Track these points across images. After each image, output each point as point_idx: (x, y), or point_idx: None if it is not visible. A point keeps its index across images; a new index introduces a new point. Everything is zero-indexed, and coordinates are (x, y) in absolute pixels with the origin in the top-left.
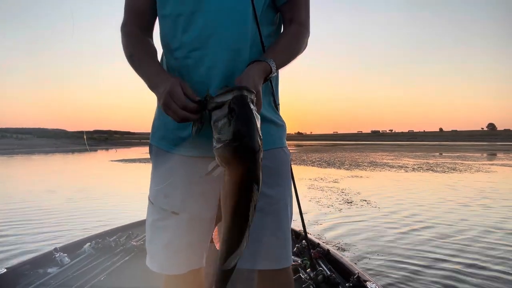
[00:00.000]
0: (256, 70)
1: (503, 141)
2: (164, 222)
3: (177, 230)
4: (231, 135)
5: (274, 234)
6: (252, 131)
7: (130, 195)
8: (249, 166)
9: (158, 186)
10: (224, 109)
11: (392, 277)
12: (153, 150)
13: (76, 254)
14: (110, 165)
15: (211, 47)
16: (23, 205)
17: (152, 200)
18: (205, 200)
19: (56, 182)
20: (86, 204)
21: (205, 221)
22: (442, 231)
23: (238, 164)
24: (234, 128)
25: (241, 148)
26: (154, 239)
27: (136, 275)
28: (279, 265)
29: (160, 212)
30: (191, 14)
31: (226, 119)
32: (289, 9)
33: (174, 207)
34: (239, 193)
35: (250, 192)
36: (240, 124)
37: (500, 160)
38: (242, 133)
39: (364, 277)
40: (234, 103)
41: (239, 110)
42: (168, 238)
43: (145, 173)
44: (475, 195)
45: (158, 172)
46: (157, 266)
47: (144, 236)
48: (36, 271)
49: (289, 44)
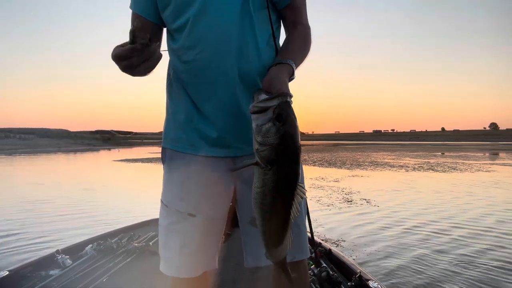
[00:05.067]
0: (283, 72)
1: (505, 141)
2: (179, 224)
3: (193, 232)
4: (278, 139)
5: (296, 227)
6: (297, 136)
7: (132, 195)
8: (295, 166)
9: (174, 189)
10: (268, 113)
11: (393, 276)
12: (167, 153)
13: (78, 256)
14: (113, 165)
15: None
16: (23, 205)
17: (166, 203)
18: (218, 201)
19: (57, 182)
20: (87, 204)
21: (219, 222)
22: (441, 228)
23: (285, 165)
24: (282, 132)
25: (288, 151)
26: (169, 242)
27: (138, 276)
28: (300, 256)
29: (175, 215)
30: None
31: (271, 124)
32: (291, 12)
33: (190, 209)
34: (284, 191)
35: (294, 190)
36: (288, 129)
37: (502, 159)
38: (289, 138)
39: (366, 276)
40: (281, 108)
41: (287, 116)
42: (184, 241)
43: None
44: (475, 194)
45: (174, 175)
46: (173, 270)
47: (145, 237)
48: (38, 273)
49: (300, 46)
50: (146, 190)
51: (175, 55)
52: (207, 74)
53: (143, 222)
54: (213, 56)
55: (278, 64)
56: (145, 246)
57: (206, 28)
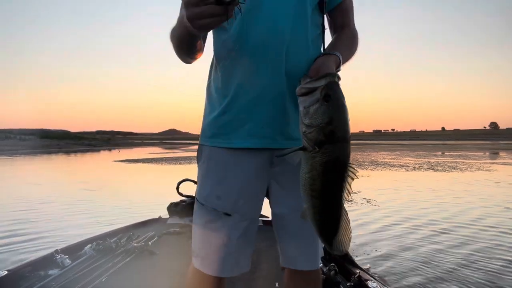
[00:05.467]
0: (331, 61)
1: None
2: (216, 223)
3: (230, 231)
4: (326, 118)
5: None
6: (346, 115)
7: (131, 196)
8: (345, 146)
9: (211, 187)
10: (315, 94)
11: (392, 275)
12: (205, 151)
13: (77, 255)
14: (113, 166)
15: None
16: (22, 205)
17: (202, 201)
18: (254, 200)
19: (56, 183)
20: (87, 204)
21: (254, 222)
22: (441, 227)
23: (335, 146)
24: (331, 112)
25: (338, 131)
26: (206, 241)
27: (137, 276)
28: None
29: (212, 214)
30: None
31: (319, 104)
32: (340, 14)
33: (227, 208)
34: (334, 173)
35: (345, 171)
36: (337, 109)
37: (502, 158)
38: (339, 117)
39: (365, 277)
40: (329, 88)
41: (335, 95)
42: (222, 240)
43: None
44: (475, 193)
45: (210, 173)
46: (212, 269)
47: (145, 237)
48: (37, 273)
49: (347, 44)
50: (146, 190)
51: (223, 45)
52: (255, 65)
53: (142, 222)
54: (263, 48)
55: (325, 55)
56: (144, 246)
57: (258, 20)
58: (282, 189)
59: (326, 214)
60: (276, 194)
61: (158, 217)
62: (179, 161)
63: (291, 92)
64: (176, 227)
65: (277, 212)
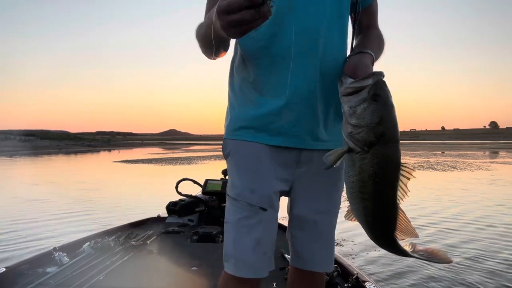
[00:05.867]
0: (367, 59)
1: (505, 139)
2: (251, 220)
3: (265, 228)
4: (376, 118)
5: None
6: (395, 114)
7: (131, 195)
8: (396, 146)
9: (244, 180)
10: (362, 94)
11: (392, 275)
12: (232, 144)
13: (75, 253)
14: (113, 166)
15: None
16: (22, 204)
17: (235, 196)
18: (279, 199)
19: (56, 183)
20: (86, 203)
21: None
22: (440, 227)
23: (386, 146)
24: (381, 112)
25: (389, 130)
26: (240, 240)
27: (135, 274)
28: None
29: (246, 209)
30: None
31: (366, 104)
32: (367, 15)
33: (262, 202)
34: (387, 174)
35: (397, 171)
36: (386, 108)
37: (502, 158)
38: (389, 117)
39: (363, 278)
40: (378, 87)
41: (384, 94)
42: (258, 238)
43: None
44: (475, 192)
45: (242, 166)
46: (247, 270)
47: (143, 236)
48: (35, 271)
49: (378, 44)
50: (145, 190)
51: (254, 42)
52: (289, 63)
53: (141, 221)
54: (298, 47)
55: (358, 53)
56: (143, 245)
57: (294, 18)
58: (305, 190)
59: (379, 215)
60: (298, 195)
61: (157, 216)
62: (179, 162)
63: (322, 92)
64: (174, 226)
65: (297, 213)
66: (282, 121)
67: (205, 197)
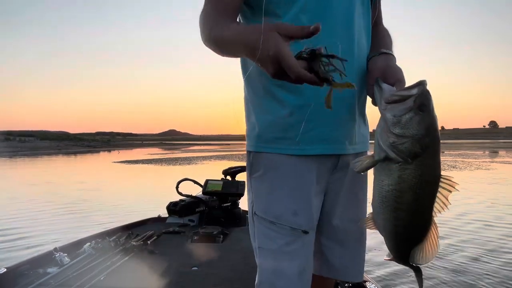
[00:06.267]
0: (393, 62)
1: (505, 139)
2: (294, 245)
3: (308, 252)
4: (423, 129)
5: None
6: (437, 126)
7: (131, 195)
8: (438, 158)
9: (283, 201)
10: (407, 102)
11: (392, 275)
12: (265, 159)
13: (76, 254)
14: (112, 166)
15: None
16: (22, 204)
17: (274, 220)
18: (318, 212)
19: (57, 183)
20: (86, 203)
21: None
22: (440, 227)
23: (430, 157)
24: (427, 123)
25: (434, 143)
26: (284, 270)
27: (136, 275)
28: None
29: (288, 234)
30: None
31: (412, 113)
32: (374, 11)
33: (306, 224)
34: (428, 186)
35: (437, 183)
36: (432, 120)
37: (501, 157)
38: (434, 129)
39: (363, 277)
40: (425, 97)
41: (430, 106)
42: (302, 265)
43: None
44: (476, 192)
45: (278, 184)
46: None
47: (143, 236)
48: (36, 271)
49: (391, 42)
50: (145, 190)
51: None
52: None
53: (141, 221)
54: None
55: (383, 54)
56: (143, 245)
57: (329, 12)
58: (338, 197)
59: (412, 227)
60: (331, 204)
61: (157, 216)
62: (179, 162)
63: (358, 91)
64: (175, 226)
65: (329, 222)
66: (323, 126)
67: (205, 197)
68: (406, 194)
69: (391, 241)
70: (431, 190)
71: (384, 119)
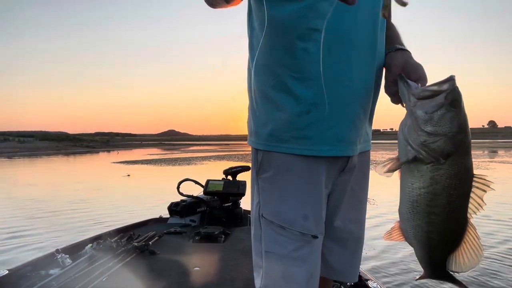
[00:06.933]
0: (411, 57)
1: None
2: (303, 250)
3: (317, 257)
4: (456, 127)
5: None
6: (468, 123)
7: (131, 195)
8: (471, 156)
9: (294, 205)
10: (438, 99)
11: (392, 275)
12: (280, 160)
13: (78, 255)
14: (112, 167)
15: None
16: (23, 205)
17: (284, 224)
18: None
19: (56, 184)
20: (87, 204)
21: None
22: None
23: (463, 156)
24: (460, 120)
25: (466, 140)
26: (293, 275)
27: (138, 275)
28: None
29: (298, 239)
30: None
31: (444, 110)
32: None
33: (316, 229)
34: (463, 187)
35: (471, 183)
36: (464, 116)
37: (501, 157)
38: (466, 125)
39: (365, 276)
40: (457, 93)
41: (461, 101)
42: (311, 270)
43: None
44: None
45: (289, 186)
46: None
47: (145, 237)
48: (38, 273)
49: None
50: (146, 190)
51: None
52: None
53: (143, 222)
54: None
55: (399, 50)
56: (145, 246)
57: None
58: (343, 199)
59: (447, 232)
60: (335, 204)
61: (158, 217)
62: (179, 162)
63: (374, 89)
64: (176, 227)
65: (331, 223)
66: (341, 125)
67: (206, 197)
68: (439, 196)
69: (423, 250)
70: (465, 190)
71: (413, 116)
